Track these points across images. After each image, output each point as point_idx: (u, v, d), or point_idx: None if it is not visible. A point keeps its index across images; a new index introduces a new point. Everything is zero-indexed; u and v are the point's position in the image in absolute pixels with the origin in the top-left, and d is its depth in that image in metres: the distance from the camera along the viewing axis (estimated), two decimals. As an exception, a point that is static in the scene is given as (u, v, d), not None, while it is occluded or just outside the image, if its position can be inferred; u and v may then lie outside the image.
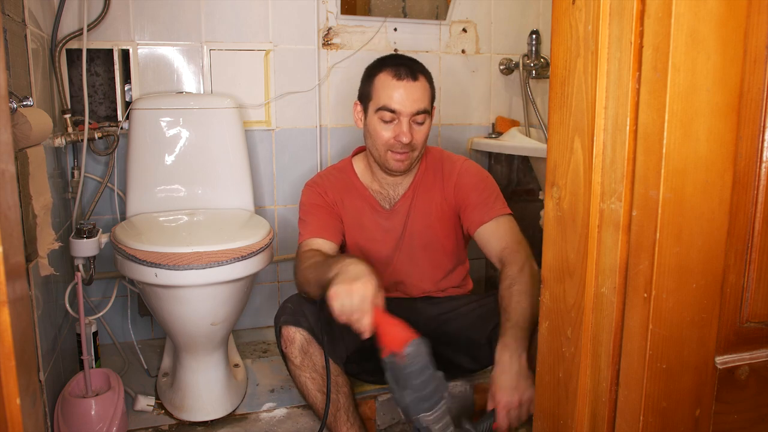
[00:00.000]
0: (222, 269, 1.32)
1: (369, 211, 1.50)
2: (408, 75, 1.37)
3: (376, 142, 1.41)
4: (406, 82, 1.36)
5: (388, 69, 1.39)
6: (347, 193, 1.50)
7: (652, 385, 0.68)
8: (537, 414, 0.85)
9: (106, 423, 1.36)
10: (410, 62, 1.41)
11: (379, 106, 1.37)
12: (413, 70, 1.38)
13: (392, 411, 1.55)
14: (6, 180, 0.59)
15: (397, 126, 1.37)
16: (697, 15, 0.61)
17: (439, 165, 1.51)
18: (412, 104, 1.36)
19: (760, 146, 0.67)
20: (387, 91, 1.37)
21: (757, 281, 0.70)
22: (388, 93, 1.36)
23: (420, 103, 1.36)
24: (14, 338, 0.56)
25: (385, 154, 1.40)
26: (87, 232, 1.50)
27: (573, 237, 0.74)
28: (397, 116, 1.36)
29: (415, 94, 1.35)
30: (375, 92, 1.39)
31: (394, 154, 1.39)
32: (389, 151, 1.39)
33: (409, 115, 1.36)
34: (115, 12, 1.82)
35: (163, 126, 1.76)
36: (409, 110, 1.36)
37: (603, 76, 0.68)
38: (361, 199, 1.50)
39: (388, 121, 1.37)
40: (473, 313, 1.47)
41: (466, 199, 1.48)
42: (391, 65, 1.39)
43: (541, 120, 2.20)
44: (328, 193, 1.49)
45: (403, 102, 1.35)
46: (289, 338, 1.32)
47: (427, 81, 1.40)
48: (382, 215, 1.50)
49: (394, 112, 1.36)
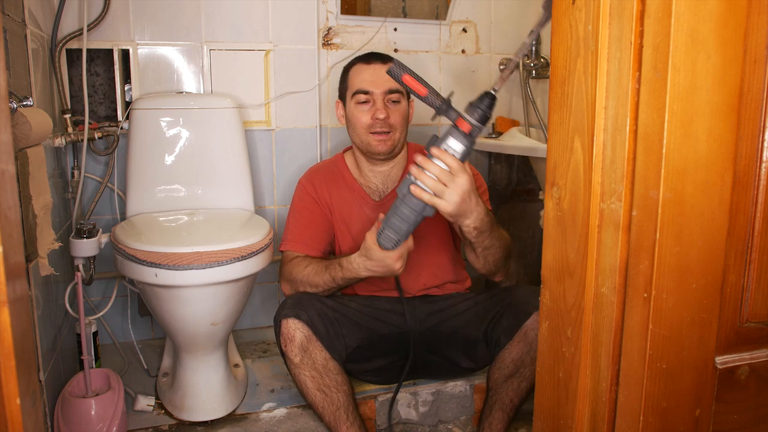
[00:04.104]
0: (222, 269, 1.32)
1: (358, 203, 1.54)
2: (377, 59, 1.46)
3: (356, 128, 1.47)
4: (375, 65, 1.45)
5: (360, 61, 1.49)
6: (335, 185, 1.55)
7: (652, 385, 0.68)
8: (537, 414, 0.85)
9: (106, 423, 1.36)
10: (381, 53, 1.51)
11: (353, 91, 1.46)
12: (382, 57, 1.47)
13: (392, 411, 1.55)
14: (6, 180, 0.59)
15: (372, 107, 1.44)
16: (697, 15, 0.61)
17: None
18: (384, 83, 1.43)
19: (760, 146, 0.67)
20: (359, 75, 1.46)
21: (757, 281, 0.70)
22: (360, 77, 1.46)
23: (392, 83, 1.42)
24: (14, 338, 0.56)
25: (366, 137, 1.46)
26: (87, 232, 1.50)
27: (573, 237, 0.74)
28: (371, 97, 1.44)
29: (385, 75, 1.33)
30: (350, 82, 1.48)
31: (375, 136, 1.45)
32: (370, 133, 1.45)
33: (382, 94, 1.44)
34: (115, 12, 1.82)
35: (163, 126, 1.76)
36: (381, 89, 1.43)
37: (603, 76, 0.68)
38: (349, 191, 1.55)
39: (363, 102, 1.45)
40: (469, 311, 1.47)
41: None
42: (362, 58, 1.49)
43: (541, 120, 2.20)
44: (318, 188, 1.55)
45: (375, 81, 1.44)
46: (288, 336, 1.33)
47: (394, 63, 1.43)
48: (371, 206, 1.53)
49: (368, 93, 1.44)
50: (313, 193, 1.54)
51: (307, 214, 1.53)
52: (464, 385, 1.58)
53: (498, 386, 1.41)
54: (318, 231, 1.52)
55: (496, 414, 1.41)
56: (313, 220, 1.52)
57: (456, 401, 1.58)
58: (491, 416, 1.42)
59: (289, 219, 1.55)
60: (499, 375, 1.41)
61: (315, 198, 1.54)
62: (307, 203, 1.54)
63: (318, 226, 1.52)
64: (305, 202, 1.54)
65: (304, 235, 1.51)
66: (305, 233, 1.51)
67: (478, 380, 1.58)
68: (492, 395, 1.43)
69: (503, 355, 1.39)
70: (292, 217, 1.54)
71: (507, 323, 1.39)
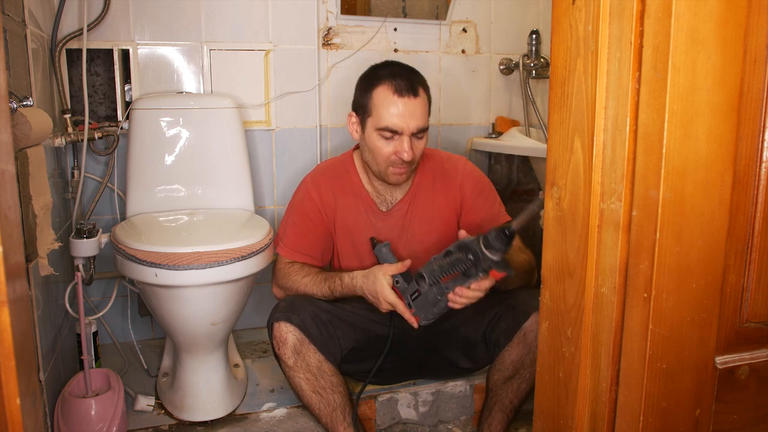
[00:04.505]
0: (222, 269, 1.32)
1: (364, 212, 1.50)
2: (408, 91, 1.34)
3: (376, 158, 1.40)
4: (407, 99, 1.33)
5: (387, 83, 1.35)
6: (342, 190, 1.50)
7: (652, 385, 0.68)
8: (537, 414, 0.85)
9: (106, 423, 1.36)
10: (408, 73, 1.38)
11: (380, 126, 1.35)
12: (413, 84, 1.35)
13: (392, 411, 1.55)
14: (6, 180, 0.59)
15: (398, 143, 1.36)
16: (697, 15, 0.61)
17: (440, 166, 1.51)
18: (415, 122, 1.34)
19: (760, 146, 0.67)
20: (388, 109, 1.34)
21: (757, 281, 0.70)
22: (389, 111, 1.34)
23: (421, 120, 1.35)
24: (14, 338, 0.56)
25: (384, 168, 1.40)
26: (87, 232, 1.50)
27: (573, 237, 0.74)
28: (399, 134, 1.35)
29: (416, 111, 1.34)
30: (374, 108, 1.36)
31: (394, 169, 1.39)
32: (390, 166, 1.39)
33: (410, 134, 1.35)
34: (115, 12, 1.82)
35: (163, 126, 1.76)
36: (410, 129, 1.34)
37: (603, 76, 0.68)
38: (357, 198, 1.50)
39: (388, 138, 1.36)
40: (468, 312, 1.47)
41: (471, 206, 1.50)
42: (389, 77, 1.35)
43: (541, 120, 2.21)
44: (323, 194, 1.49)
45: (406, 121, 1.33)
46: (281, 339, 1.33)
47: (425, 93, 1.38)
48: (378, 217, 1.50)
49: (396, 132, 1.35)
50: (318, 199, 1.48)
51: (306, 222, 1.49)
52: (464, 385, 1.58)
53: (497, 388, 1.41)
54: (317, 240, 1.49)
55: (496, 415, 1.41)
56: (312, 229, 1.48)
57: (456, 401, 1.58)
58: (491, 417, 1.42)
59: (287, 219, 1.51)
60: (498, 377, 1.41)
61: (319, 206, 1.48)
62: (308, 210, 1.49)
63: (318, 235, 1.49)
64: (307, 208, 1.49)
65: (301, 242, 1.48)
66: (303, 241, 1.48)
67: (478, 380, 1.58)
68: (491, 396, 1.43)
69: (503, 356, 1.39)
70: (291, 219, 1.50)
71: (506, 324, 1.38)
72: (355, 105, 1.44)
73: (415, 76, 1.38)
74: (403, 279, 1.34)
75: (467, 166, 1.53)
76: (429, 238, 1.49)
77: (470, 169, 1.53)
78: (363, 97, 1.39)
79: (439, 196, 1.50)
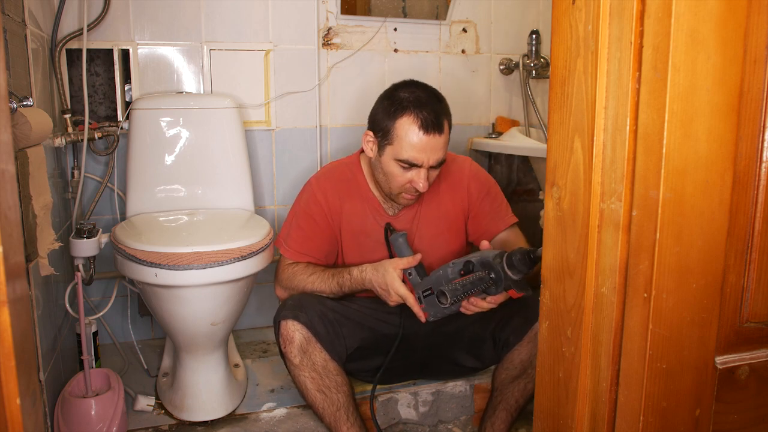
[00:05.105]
0: (222, 269, 1.32)
1: (371, 215, 1.49)
2: (434, 128, 1.30)
3: (390, 183, 1.39)
4: (433, 136, 1.31)
5: (413, 115, 1.30)
6: (348, 194, 1.48)
7: (652, 385, 0.68)
8: (537, 414, 0.85)
9: (106, 423, 1.36)
10: (434, 103, 1.33)
11: (400, 158, 1.33)
12: (439, 119, 1.31)
13: (392, 411, 1.55)
14: (6, 180, 0.59)
15: (415, 174, 1.34)
16: (697, 15, 0.61)
17: (445, 168, 1.51)
18: (435, 156, 1.33)
19: (760, 146, 0.67)
20: (411, 143, 1.31)
21: (757, 281, 0.70)
22: (412, 145, 1.31)
23: (441, 153, 1.34)
24: (14, 338, 0.56)
25: (397, 192, 1.40)
26: (87, 232, 1.50)
27: (573, 237, 0.74)
28: (418, 166, 1.34)
29: (438, 146, 1.33)
30: (396, 139, 1.33)
31: (406, 195, 1.40)
32: (402, 192, 1.39)
33: (429, 167, 1.35)
34: (115, 12, 1.82)
35: (163, 126, 1.76)
36: (430, 163, 1.34)
37: (603, 76, 0.68)
38: (364, 202, 1.49)
39: (406, 168, 1.35)
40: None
41: (478, 208, 1.50)
42: (415, 108, 1.30)
43: (541, 120, 2.20)
44: (329, 198, 1.47)
45: (427, 155, 1.32)
46: (288, 337, 1.33)
47: (448, 125, 1.36)
48: (385, 220, 1.48)
49: (415, 165, 1.34)
50: (323, 202, 1.46)
51: (312, 225, 1.47)
52: (464, 385, 1.58)
53: (504, 386, 1.41)
54: (323, 243, 1.47)
55: (500, 414, 1.41)
56: (318, 232, 1.47)
57: (456, 401, 1.58)
58: (494, 416, 1.42)
59: (291, 221, 1.49)
60: (506, 375, 1.41)
61: (325, 209, 1.46)
62: (314, 213, 1.47)
63: (324, 239, 1.47)
64: (312, 211, 1.47)
65: (307, 245, 1.46)
66: (309, 244, 1.46)
67: (479, 380, 1.58)
68: (497, 395, 1.43)
69: (512, 356, 1.39)
70: (296, 221, 1.48)
71: (517, 323, 1.38)
72: (375, 126, 1.38)
73: (441, 107, 1.34)
74: (417, 273, 1.33)
75: (473, 167, 1.53)
76: (437, 241, 1.49)
77: (476, 170, 1.53)
78: (385, 121, 1.35)
79: (445, 198, 1.50)
